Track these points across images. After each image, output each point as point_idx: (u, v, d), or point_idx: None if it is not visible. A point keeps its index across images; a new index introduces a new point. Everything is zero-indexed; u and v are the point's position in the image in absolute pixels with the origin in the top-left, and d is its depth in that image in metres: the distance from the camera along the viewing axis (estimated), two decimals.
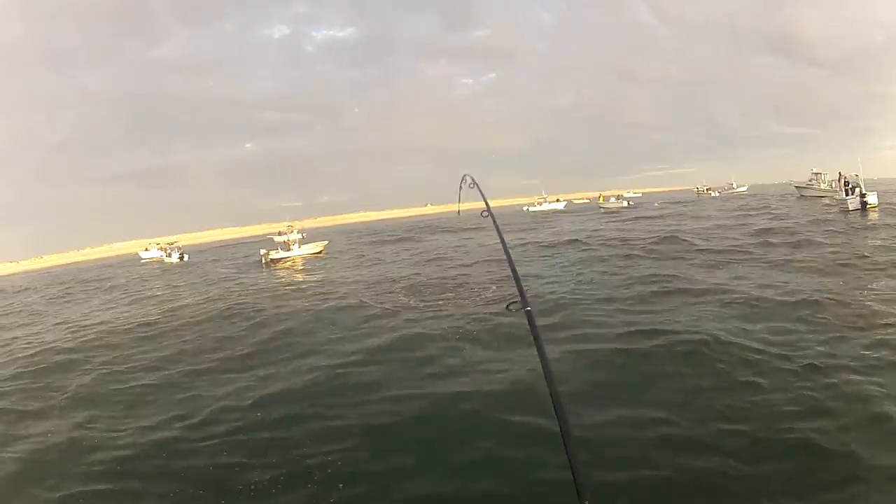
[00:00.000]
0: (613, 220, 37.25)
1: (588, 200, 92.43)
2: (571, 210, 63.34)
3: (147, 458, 5.65)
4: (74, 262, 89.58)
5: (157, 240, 53.83)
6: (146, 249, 50.24)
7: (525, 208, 70.12)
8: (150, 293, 22.28)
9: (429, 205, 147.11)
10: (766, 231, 20.03)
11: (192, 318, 13.79)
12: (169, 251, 45.72)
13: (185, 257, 42.71)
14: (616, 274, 13.63)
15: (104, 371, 9.40)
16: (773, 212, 29.99)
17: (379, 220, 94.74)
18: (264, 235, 41.06)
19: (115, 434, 6.44)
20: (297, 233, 35.34)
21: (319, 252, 33.13)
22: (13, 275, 73.84)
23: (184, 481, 5.06)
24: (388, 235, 43.83)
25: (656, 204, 53.61)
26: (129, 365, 9.61)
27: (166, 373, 8.81)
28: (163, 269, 38.46)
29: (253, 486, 4.81)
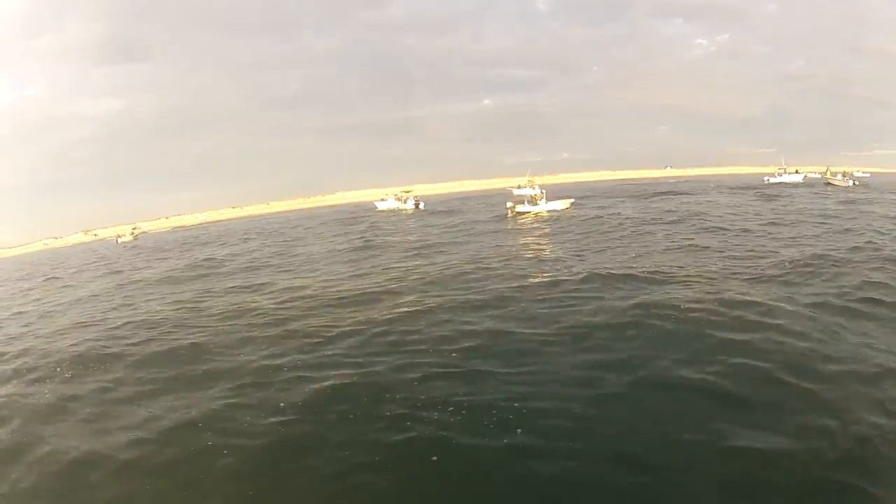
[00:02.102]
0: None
1: (819, 175, 79.32)
2: (809, 184, 54.58)
3: None
4: (300, 209, 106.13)
5: (394, 189, 58.63)
6: (382, 199, 55.11)
7: (766, 179, 62.00)
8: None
9: (668, 168, 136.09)
10: None
11: None
12: (405, 199, 49.48)
13: (421, 205, 45.63)
14: None
15: None
16: None
17: (619, 181, 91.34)
18: (503, 189, 41.51)
19: None
20: (539, 188, 34.94)
21: (566, 209, 32.78)
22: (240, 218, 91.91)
23: None
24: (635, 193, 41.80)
25: None
26: None
27: None
28: (409, 216, 41.16)
29: None
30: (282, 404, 6.41)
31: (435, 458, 5.05)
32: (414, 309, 10.20)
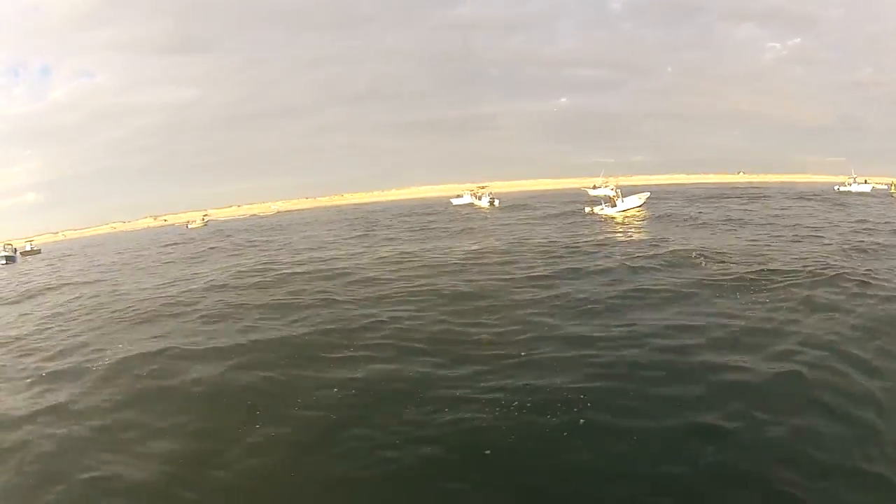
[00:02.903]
0: None
1: (886, 186, 76.83)
2: (875, 195, 53.62)
3: None
4: (376, 202, 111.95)
5: (468, 186, 62.75)
6: (458, 196, 59.33)
7: (836, 188, 62.12)
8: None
9: (741, 173, 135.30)
10: None
11: None
12: (479, 195, 53.36)
13: (496, 202, 49.27)
14: None
15: None
16: None
17: (692, 184, 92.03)
18: (577, 189, 43.66)
19: None
20: (615, 189, 36.99)
21: (641, 204, 33.43)
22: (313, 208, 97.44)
23: None
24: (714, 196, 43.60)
25: None
26: None
27: None
28: (485, 212, 44.69)
29: None
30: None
31: None
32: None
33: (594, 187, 40.17)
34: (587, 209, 32.73)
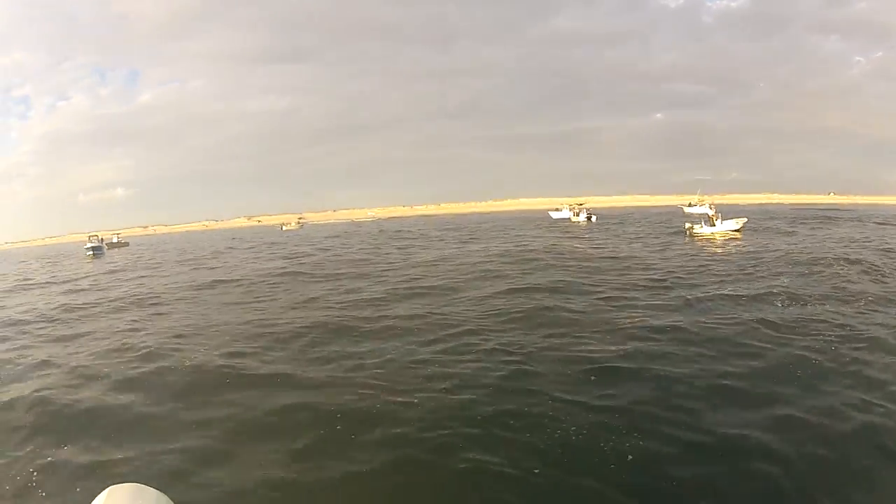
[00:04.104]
0: None
1: None
2: None
3: None
4: (472, 212, 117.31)
5: (567, 200, 65.73)
6: (556, 209, 62.77)
7: None
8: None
9: (831, 193, 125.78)
10: None
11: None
12: (577, 211, 56.17)
13: (593, 218, 51.92)
14: None
15: None
16: None
17: (791, 204, 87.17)
18: (672, 206, 44.41)
19: None
20: (711, 206, 37.89)
21: (738, 230, 32.21)
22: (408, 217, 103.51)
23: None
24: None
25: None
26: None
27: None
28: (581, 227, 47.18)
29: None
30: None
31: None
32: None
33: (690, 205, 40.36)
34: (686, 226, 32.88)
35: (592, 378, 7.37)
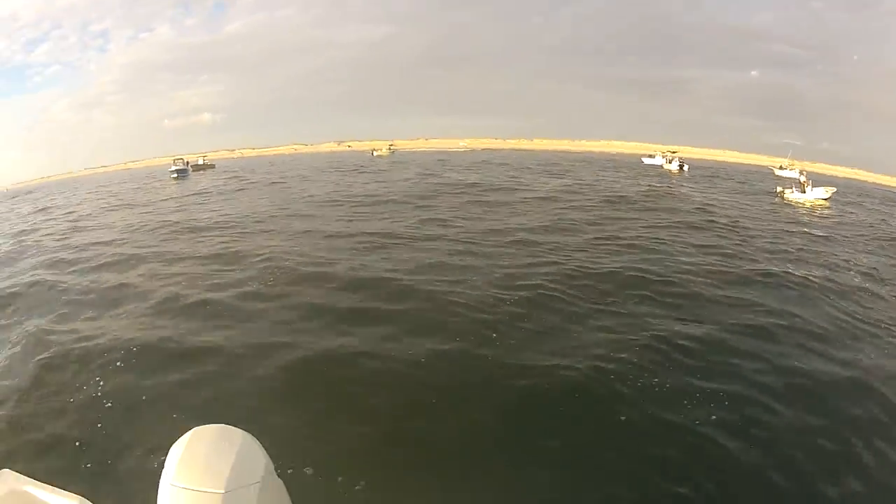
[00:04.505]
0: None
1: None
2: None
3: None
4: (565, 150, 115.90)
5: (661, 147, 65.59)
6: (650, 156, 62.74)
7: None
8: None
9: None
10: None
11: None
12: (670, 159, 56.37)
13: (685, 168, 52.16)
14: None
15: None
16: None
17: (872, 183, 79.79)
18: (763, 167, 43.53)
19: None
20: (802, 172, 37.43)
21: (827, 198, 31.56)
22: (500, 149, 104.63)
23: None
24: None
25: None
26: None
27: None
28: (673, 175, 47.19)
29: None
30: None
31: None
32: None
33: (780, 168, 39.27)
34: (778, 189, 32.95)
35: None
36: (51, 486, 1.65)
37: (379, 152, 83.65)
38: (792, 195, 31.37)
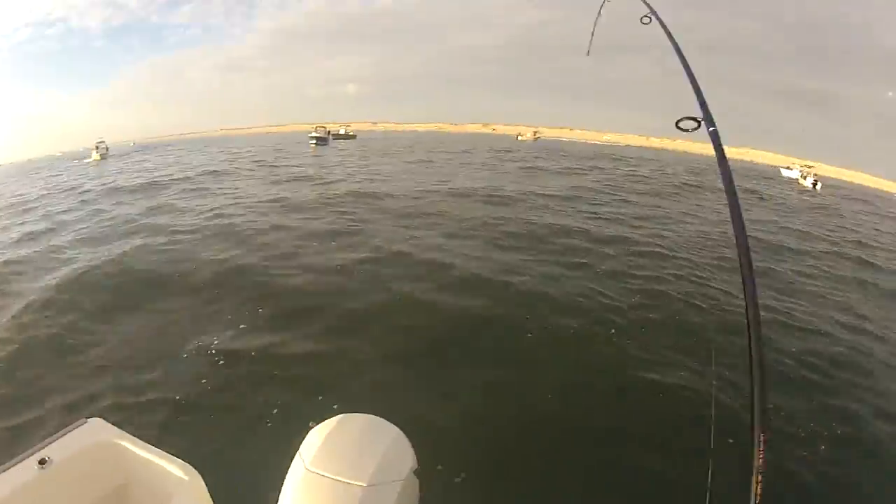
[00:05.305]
0: None
1: None
2: None
3: None
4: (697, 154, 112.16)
5: (798, 161, 68.99)
6: (788, 168, 65.33)
7: None
8: None
9: None
10: None
11: None
12: (805, 174, 59.76)
13: (818, 186, 55.78)
14: None
15: None
16: None
17: None
18: None
19: None
20: None
21: None
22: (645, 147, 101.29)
23: None
24: None
25: None
26: None
27: None
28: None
29: None
30: None
31: None
32: None
33: None
34: None
35: None
36: (145, 444, 1.64)
37: (523, 137, 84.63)
38: None
